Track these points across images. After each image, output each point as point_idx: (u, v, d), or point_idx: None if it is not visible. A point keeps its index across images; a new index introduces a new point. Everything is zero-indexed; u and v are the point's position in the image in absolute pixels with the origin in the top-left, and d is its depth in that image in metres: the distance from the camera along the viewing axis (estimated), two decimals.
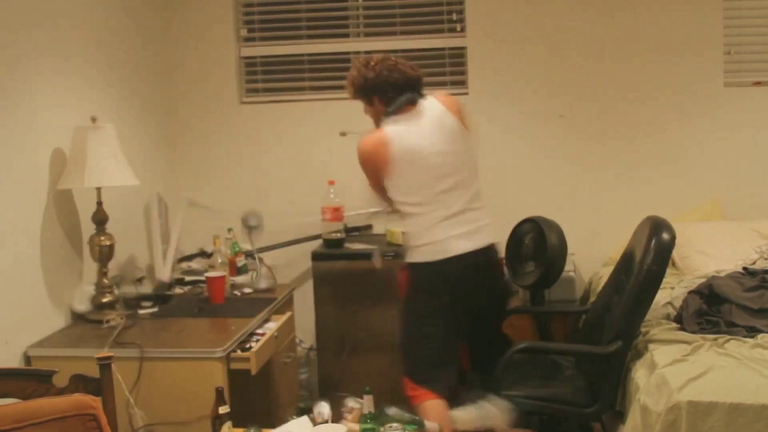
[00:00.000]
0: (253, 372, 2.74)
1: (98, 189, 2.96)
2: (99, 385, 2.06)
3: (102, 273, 2.99)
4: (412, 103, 2.85)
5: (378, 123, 2.91)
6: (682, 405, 2.26)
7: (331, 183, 3.92)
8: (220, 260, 3.62)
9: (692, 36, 4.00)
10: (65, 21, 3.10)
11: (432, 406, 2.74)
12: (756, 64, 4.03)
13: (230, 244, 3.69)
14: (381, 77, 2.83)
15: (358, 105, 4.16)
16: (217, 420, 2.20)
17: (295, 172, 4.25)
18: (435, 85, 4.19)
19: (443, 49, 4.19)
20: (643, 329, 2.86)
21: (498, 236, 3.06)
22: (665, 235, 2.82)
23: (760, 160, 4.02)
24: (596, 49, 4.08)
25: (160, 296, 3.32)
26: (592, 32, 4.07)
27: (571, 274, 3.71)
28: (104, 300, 2.97)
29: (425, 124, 2.83)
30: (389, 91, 2.84)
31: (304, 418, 2.23)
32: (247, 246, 3.98)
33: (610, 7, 4.04)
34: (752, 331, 2.70)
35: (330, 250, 3.92)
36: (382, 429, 2.23)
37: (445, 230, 2.80)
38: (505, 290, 3.20)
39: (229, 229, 3.75)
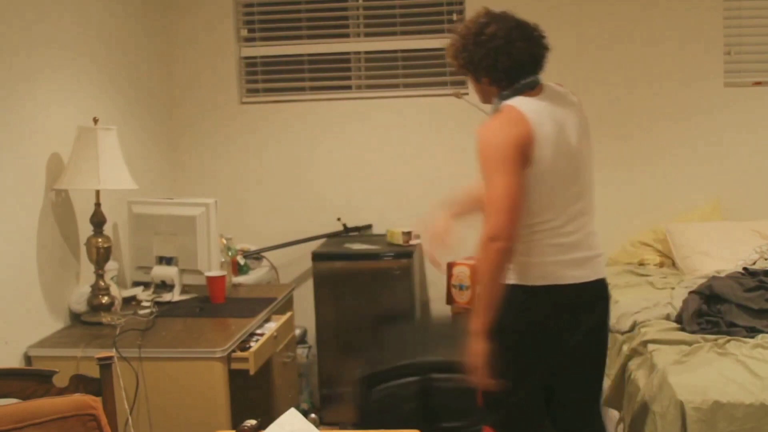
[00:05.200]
0: (252, 372, 2.74)
1: (97, 191, 2.96)
2: (99, 385, 2.06)
3: (99, 274, 2.99)
4: (532, 88, 2.29)
5: (485, 101, 2.37)
6: (682, 405, 2.26)
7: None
8: (221, 260, 3.62)
9: (692, 36, 4.00)
10: (65, 21, 3.10)
11: None
12: (756, 64, 4.03)
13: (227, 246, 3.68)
14: (491, 55, 2.24)
15: (360, 105, 4.21)
16: None
17: (295, 173, 4.25)
18: (435, 85, 4.20)
19: (443, 49, 4.17)
20: (642, 329, 2.86)
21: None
22: None
23: (760, 160, 4.02)
24: (596, 49, 4.08)
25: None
26: (591, 32, 4.07)
27: None
28: (102, 301, 2.97)
29: (558, 112, 2.28)
30: (504, 74, 2.26)
31: (292, 410, 2.17)
32: (246, 246, 4.00)
33: (610, 7, 4.04)
34: (752, 332, 2.70)
35: (330, 250, 3.92)
36: None
37: (555, 250, 2.25)
38: (605, 343, 2.45)
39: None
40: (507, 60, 2.23)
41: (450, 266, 3.82)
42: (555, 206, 2.24)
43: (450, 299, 3.83)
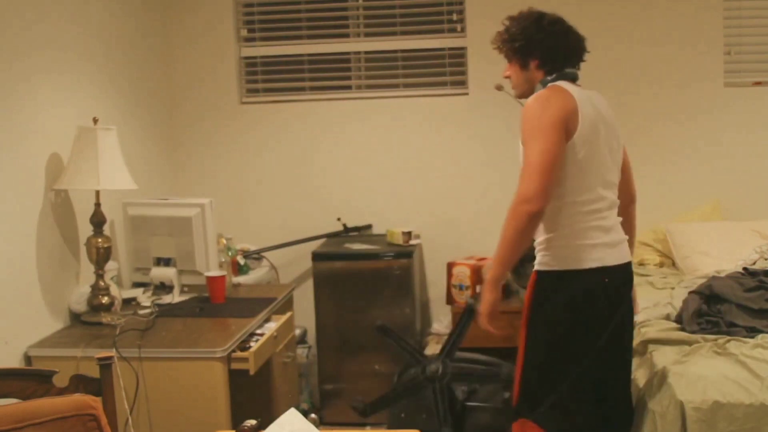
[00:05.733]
0: (252, 372, 2.73)
1: (96, 191, 2.96)
2: (99, 385, 2.06)
3: (99, 274, 2.99)
4: (574, 80, 2.39)
5: (523, 92, 2.44)
6: (682, 405, 2.26)
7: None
8: (221, 260, 3.62)
9: (692, 36, 4.00)
10: (65, 21, 3.10)
11: None
12: (756, 64, 4.03)
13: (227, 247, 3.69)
14: (551, 38, 2.37)
15: (360, 105, 4.21)
16: None
17: (295, 172, 4.26)
18: (435, 85, 4.20)
19: (443, 49, 4.19)
20: (642, 329, 2.86)
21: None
22: None
23: (760, 160, 4.02)
24: (596, 50, 4.05)
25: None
26: (591, 33, 4.04)
27: None
28: (102, 301, 2.97)
29: (598, 104, 2.35)
30: (558, 58, 2.36)
31: (292, 410, 2.19)
32: (246, 246, 4.00)
33: (610, 8, 4.04)
34: (752, 332, 2.69)
35: (330, 250, 3.92)
36: None
37: (594, 233, 2.29)
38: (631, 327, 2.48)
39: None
40: (565, 44, 2.39)
41: (450, 266, 3.82)
42: (595, 187, 2.30)
43: (450, 299, 3.83)
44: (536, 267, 2.36)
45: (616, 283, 2.35)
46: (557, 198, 2.26)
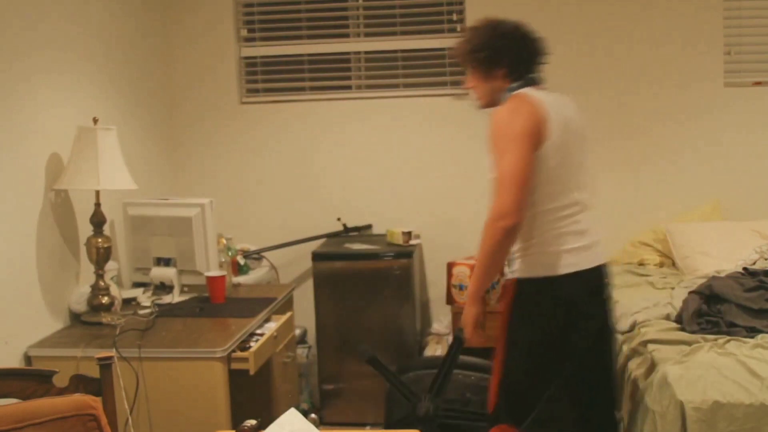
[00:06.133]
0: (252, 372, 2.73)
1: (96, 191, 2.96)
2: (99, 385, 2.06)
3: (99, 274, 2.98)
4: (538, 83, 2.39)
5: (489, 102, 2.42)
6: (682, 405, 2.27)
7: None
8: (221, 260, 3.62)
9: (692, 36, 4.00)
10: (65, 21, 3.10)
11: None
12: (756, 64, 4.03)
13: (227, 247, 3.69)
14: (515, 46, 2.36)
15: (360, 105, 4.21)
16: None
17: (295, 172, 4.26)
18: (435, 85, 4.20)
19: (443, 49, 4.19)
20: (642, 329, 2.86)
21: None
22: None
23: (760, 160, 4.02)
24: (596, 50, 4.08)
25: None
26: (591, 33, 4.07)
27: None
28: (102, 301, 2.97)
29: (563, 106, 2.36)
30: (522, 64, 2.35)
31: (292, 410, 2.19)
32: (246, 246, 4.00)
33: (610, 8, 4.04)
34: (752, 332, 2.70)
35: (330, 250, 3.92)
36: None
37: (570, 238, 2.31)
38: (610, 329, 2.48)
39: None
40: (528, 50, 2.37)
41: (450, 266, 3.82)
42: (568, 192, 2.31)
43: (450, 299, 3.83)
44: (514, 275, 2.35)
45: (594, 286, 2.37)
46: (531, 206, 2.26)
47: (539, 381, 2.31)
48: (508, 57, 2.35)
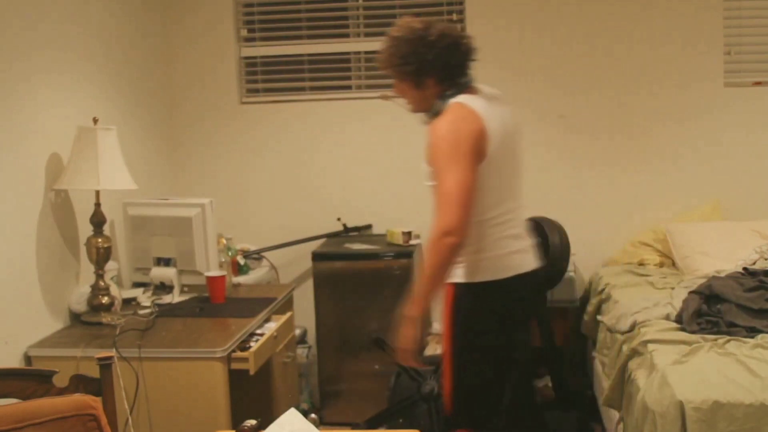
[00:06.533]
0: (252, 372, 2.74)
1: (96, 191, 2.96)
2: (99, 385, 2.06)
3: (99, 274, 2.98)
4: (470, 87, 2.37)
5: (421, 109, 2.43)
6: (682, 405, 2.26)
7: None
8: (221, 260, 3.62)
9: (692, 36, 4.00)
10: (65, 21, 3.10)
11: None
12: (756, 64, 4.03)
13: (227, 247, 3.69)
14: (444, 53, 2.31)
15: (360, 105, 4.21)
16: None
17: (295, 172, 4.25)
18: None
19: None
20: (642, 329, 2.86)
21: None
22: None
23: (760, 160, 4.02)
24: (597, 50, 4.08)
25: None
26: (592, 32, 4.07)
27: (572, 274, 3.71)
28: (102, 301, 2.97)
29: (498, 110, 2.35)
30: (454, 71, 2.33)
31: (292, 410, 2.19)
32: (246, 246, 4.00)
33: (610, 8, 4.04)
34: (752, 332, 2.70)
35: (330, 250, 3.92)
36: None
37: (509, 242, 2.34)
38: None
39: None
40: (457, 56, 2.32)
41: None
42: (505, 200, 2.33)
43: None
44: (454, 280, 2.32)
45: (530, 288, 2.41)
46: (476, 215, 2.27)
47: (487, 382, 2.36)
48: (437, 66, 2.31)
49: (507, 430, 2.41)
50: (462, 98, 2.29)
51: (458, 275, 2.32)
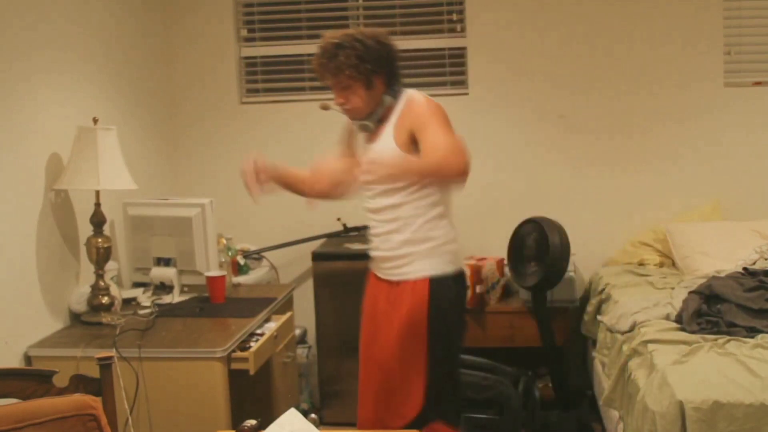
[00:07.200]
0: (252, 372, 2.74)
1: (96, 191, 2.96)
2: (99, 385, 2.06)
3: (99, 274, 2.99)
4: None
5: (368, 112, 2.45)
6: (682, 405, 2.26)
7: None
8: (221, 260, 3.62)
9: (692, 36, 4.00)
10: (65, 21, 3.10)
11: None
12: (756, 64, 4.03)
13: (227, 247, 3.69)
14: (393, 53, 2.44)
15: None
16: None
17: None
18: (435, 85, 4.20)
19: (443, 49, 4.19)
20: (642, 329, 2.86)
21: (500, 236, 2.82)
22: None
23: (760, 160, 4.02)
24: (596, 50, 4.08)
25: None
26: (592, 32, 4.07)
27: (571, 274, 3.71)
28: (102, 301, 2.97)
29: None
30: (398, 69, 2.46)
31: (292, 410, 2.19)
32: (246, 246, 4.00)
33: (610, 8, 4.04)
34: (752, 332, 2.70)
35: (330, 250, 3.92)
36: None
37: (456, 236, 2.48)
38: None
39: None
40: (396, 54, 2.47)
41: None
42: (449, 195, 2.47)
43: None
44: (428, 273, 2.39)
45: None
46: (437, 205, 2.42)
47: (456, 373, 2.51)
48: (390, 64, 2.42)
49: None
50: (412, 90, 2.45)
51: (434, 268, 2.39)
